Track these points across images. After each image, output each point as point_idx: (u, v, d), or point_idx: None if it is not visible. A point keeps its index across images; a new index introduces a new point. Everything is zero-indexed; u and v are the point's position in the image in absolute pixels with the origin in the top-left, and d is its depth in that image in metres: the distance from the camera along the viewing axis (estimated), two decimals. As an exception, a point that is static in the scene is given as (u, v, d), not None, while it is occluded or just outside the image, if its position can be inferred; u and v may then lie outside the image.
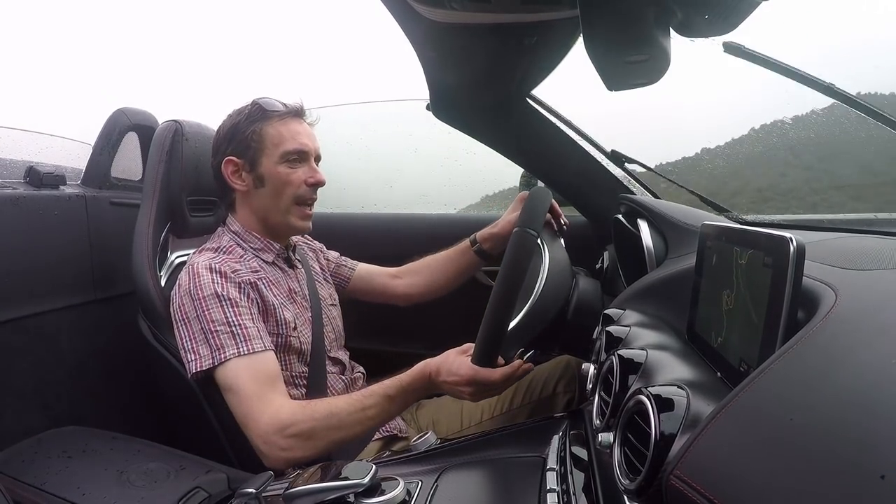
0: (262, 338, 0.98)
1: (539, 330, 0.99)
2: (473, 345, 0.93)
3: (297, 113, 1.10)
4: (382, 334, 1.69)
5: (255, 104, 1.08)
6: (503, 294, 0.86)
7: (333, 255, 1.37)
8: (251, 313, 0.99)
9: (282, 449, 0.89)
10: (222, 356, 0.94)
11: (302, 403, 0.95)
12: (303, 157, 1.08)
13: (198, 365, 0.95)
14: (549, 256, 1.03)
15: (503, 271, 0.87)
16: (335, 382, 1.14)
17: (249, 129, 1.06)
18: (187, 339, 0.97)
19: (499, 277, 0.87)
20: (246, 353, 0.94)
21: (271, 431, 0.90)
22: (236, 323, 0.96)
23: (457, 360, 0.93)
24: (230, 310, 0.97)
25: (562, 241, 1.12)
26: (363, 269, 1.38)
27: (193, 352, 0.96)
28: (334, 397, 0.98)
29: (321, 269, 1.29)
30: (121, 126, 1.37)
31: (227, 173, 1.08)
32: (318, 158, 1.12)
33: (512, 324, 0.93)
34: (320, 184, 1.10)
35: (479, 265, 1.33)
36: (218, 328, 0.95)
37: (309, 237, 1.35)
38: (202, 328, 0.96)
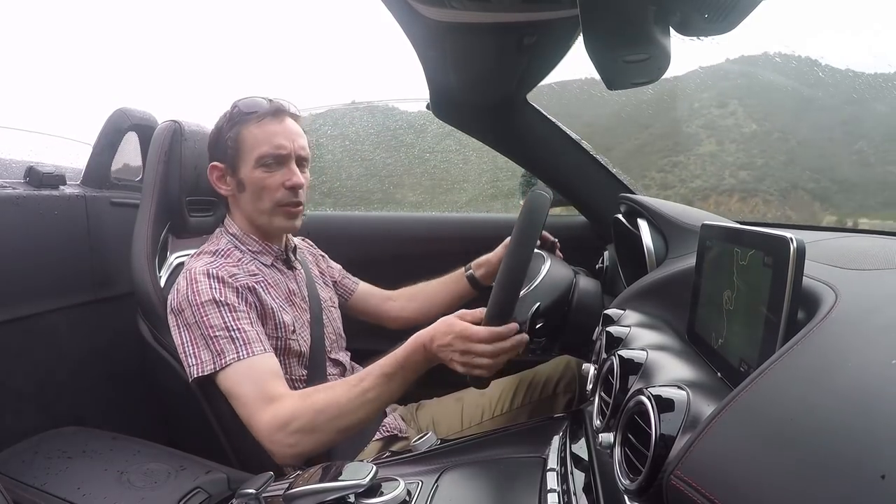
0: (261, 341, 0.97)
1: (544, 304, 1.00)
2: (466, 311, 0.93)
3: (275, 113, 1.05)
4: (383, 335, 1.69)
5: (235, 106, 1.05)
6: (518, 251, 0.85)
7: (337, 266, 1.36)
8: (249, 318, 0.99)
9: (288, 445, 0.89)
10: (223, 361, 0.94)
11: (302, 395, 0.94)
12: (279, 160, 1.04)
13: (199, 370, 0.95)
14: (550, 258, 1.04)
15: (518, 227, 0.86)
16: None
17: (228, 134, 1.04)
18: (188, 343, 0.97)
19: (513, 234, 0.86)
20: (246, 356, 0.94)
21: (274, 430, 0.90)
22: (235, 328, 0.96)
23: (448, 319, 0.92)
24: (229, 315, 0.96)
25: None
26: (363, 287, 1.37)
27: (194, 356, 0.96)
28: (332, 384, 0.97)
29: (321, 272, 1.29)
30: (121, 126, 1.36)
31: (213, 179, 1.08)
32: (303, 159, 1.08)
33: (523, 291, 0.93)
34: (298, 187, 1.06)
35: (472, 293, 1.32)
36: (217, 333, 0.95)
37: (311, 242, 1.35)
38: (202, 333, 0.96)
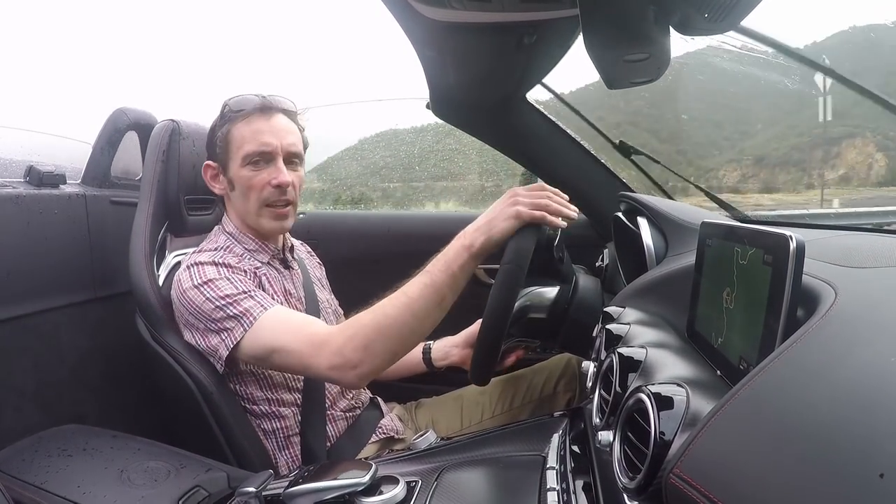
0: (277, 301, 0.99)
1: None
2: None
3: (263, 109, 1.03)
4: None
5: (226, 104, 1.05)
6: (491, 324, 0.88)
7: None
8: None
9: (352, 367, 0.89)
10: (251, 318, 0.93)
11: (343, 324, 0.94)
12: (266, 157, 1.03)
13: (231, 339, 0.94)
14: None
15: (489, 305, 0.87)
16: (332, 386, 1.12)
17: (219, 133, 1.05)
18: (208, 322, 0.96)
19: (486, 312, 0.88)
20: (271, 306, 0.95)
21: (333, 357, 0.89)
22: (249, 290, 0.97)
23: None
24: (241, 284, 0.97)
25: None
26: None
27: (218, 332, 0.95)
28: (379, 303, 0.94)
29: (318, 277, 1.27)
30: (121, 125, 1.36)
31: (208, 177, 1.09)
32: (293, 155, 1.06)
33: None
34: (284, 185, 1.03)
35: (423, 369, 1.24)
36: (235, 298, 0.95)
37: (311, 250, 1.34)
38: (221, 306, 0.94)
